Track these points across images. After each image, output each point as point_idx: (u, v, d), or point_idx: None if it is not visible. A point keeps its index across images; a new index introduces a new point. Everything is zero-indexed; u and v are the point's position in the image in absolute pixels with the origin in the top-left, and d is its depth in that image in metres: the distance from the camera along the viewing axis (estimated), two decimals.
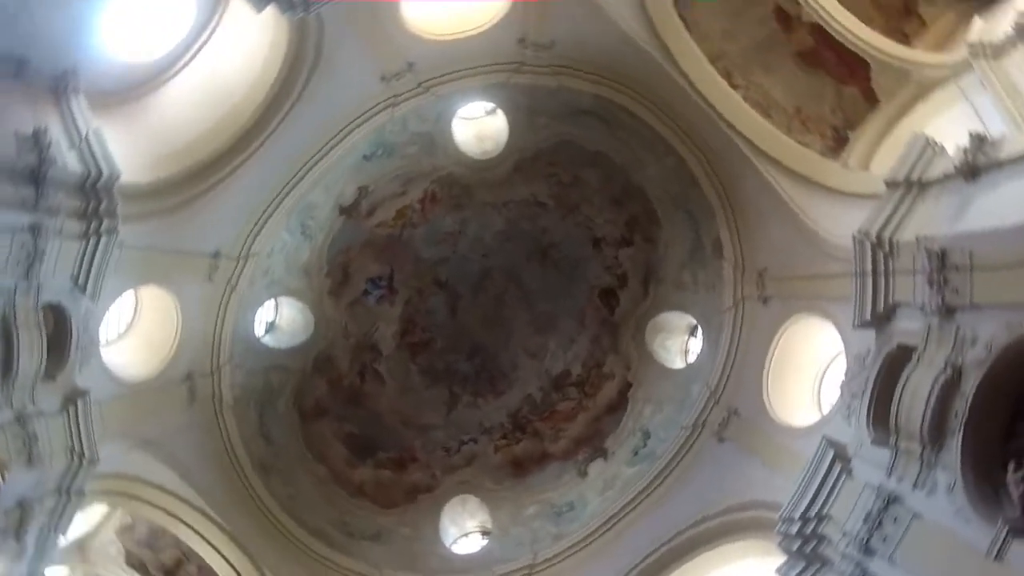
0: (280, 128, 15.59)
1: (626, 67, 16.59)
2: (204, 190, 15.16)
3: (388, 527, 19.11)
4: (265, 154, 15.72)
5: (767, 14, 16.83)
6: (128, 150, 13.27)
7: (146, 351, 16.05)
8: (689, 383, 18.36)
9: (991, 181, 10.64)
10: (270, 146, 15.69)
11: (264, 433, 18.35)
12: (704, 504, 16.56)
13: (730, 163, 16.70)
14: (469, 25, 16.30)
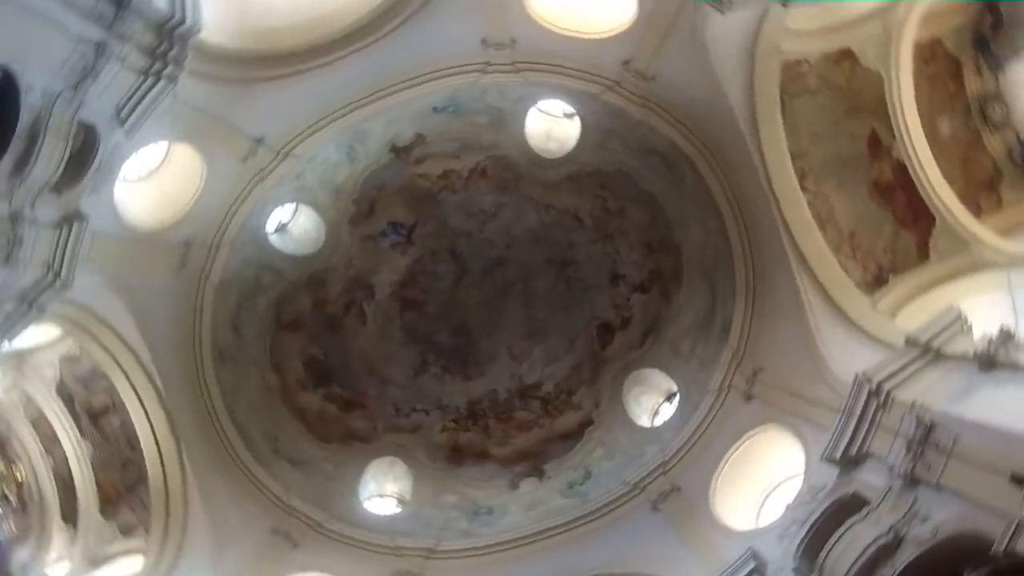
0: (371, 48, 15.54)
1: (712, 128, 16.63)
2: (274, 77, 15.16)
3: (313, 459, 19.11)
4: (346, 66, 15.67)
5: (861, 133, 16.85)
6: (219, 11, 13.29)
7: (158, 205, 16.06)
8: (646, 444, 18.41)
9: (1003, 378, 10.83)
10: (354, 61, 15.63)
11: (235, 324, 18.36)
12: (611, 560, 16.65)
13: (771, 257, 16.73)
14: (585, 28, 16.20)
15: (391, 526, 18.66)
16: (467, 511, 19.02)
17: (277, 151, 16.77)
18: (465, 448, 20.40)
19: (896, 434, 11.16)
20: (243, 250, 17.92)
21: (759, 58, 15.48)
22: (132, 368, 16.58)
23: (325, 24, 15.23)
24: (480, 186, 20.32)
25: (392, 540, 18.20)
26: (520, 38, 16.30)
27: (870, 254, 16.69)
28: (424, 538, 18.35)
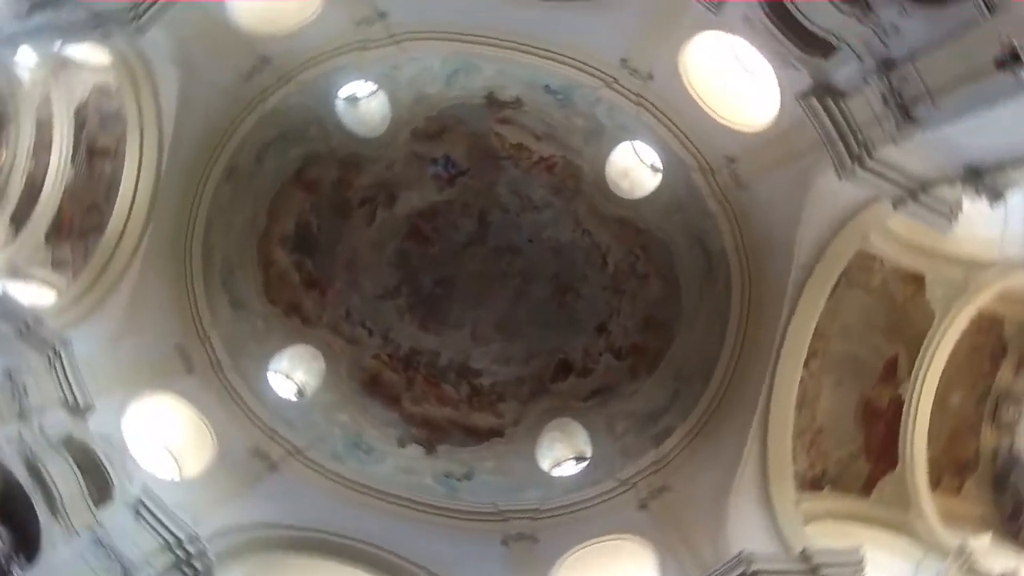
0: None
1: (765, 260, 16.63)
2: None
3: (252, 309, 19.11)
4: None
5: (886, 353, 16.78)
6: None
7: (259, 14, 16.02)
8: (534, 485, 18.59)
9: None
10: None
11: (260, 154, 18.29)
12: (436, 561, 17.09)
13: (741, 401, 16.79)
14: (716, 106, 16.02)
15: (276, 407, 18.66)
16: (349, 438, 19.08)
17: (390, 34, 16.68)
18: (383, 385, 20.45)
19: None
20: (308, 97, 17.85)
21: (845, 232, 15.34)
22: (150, 133, 16.57)
23: None
24: (541, 177, 20.28)
25: (270, 419, 18.22)
26: (657, 78, 16.21)
27: (823, 457, 16.71)
28: (298, 436, 18.37)
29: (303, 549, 16.55)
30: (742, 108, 15.82)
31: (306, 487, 17.68)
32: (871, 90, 11.01)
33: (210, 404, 17.62)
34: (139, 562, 12.74)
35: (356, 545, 16.86)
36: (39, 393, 13.13)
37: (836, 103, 11.86)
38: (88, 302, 16.46)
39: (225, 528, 15.14)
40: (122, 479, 13.70)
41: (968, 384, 16.98)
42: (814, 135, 12.56)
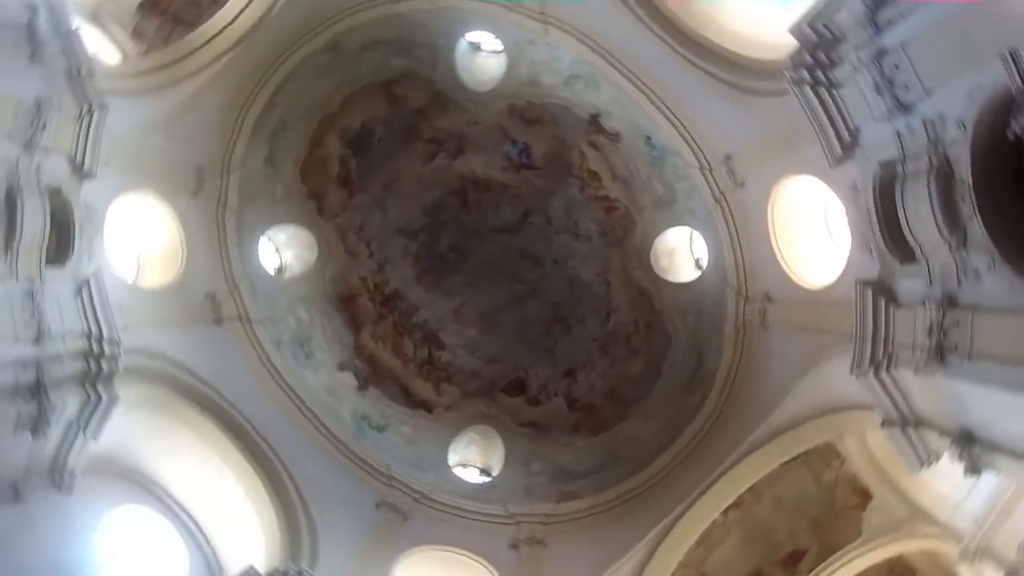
0: None
1: (742, 400, 16.77)
2: None
3: (281, 174, 19.01)
4: None
5: (799, 538, 16.94)
6: None
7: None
8: (432, 472, 18.77)
9: None
10: None
11: (366, 45, 18.15)
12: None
13: (650, 510, 16.98)
14: (795, 265, 15.84)
15: (251, 270, 18.44)
16: (298, 335, 19.07)
17: (542, 12, 16.59)
18: (355, 308, 20.56)
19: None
20: (437, 21, 17.86)
21: (826, 419, 15.10)
22: None
23: None
24: (597, 212, 20.44)
25: (240, 278, 17.97)
26: (747, 188, 16.08)
27: None
28: (255, 307, 18.05)
29: (198, 405, 16.34)
30: (805, 259, 15.75)
31: (236, 355, 17.50)
32: (923, 314, 10.97)
33: (196, 232, 17.45)
34: (56, 334, 12.20)
35: (247, 427, 16.61)
36: (55, 135, 12.69)
37: (887, 307, 11.81)
38: (145, 83, 16.16)
39: (145, 349, 14.98)
40: (82, 252, 13.24)
41: None
42: (851, 323, 12.52)
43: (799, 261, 15.73)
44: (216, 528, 15.26)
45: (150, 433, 14.91)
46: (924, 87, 10.03)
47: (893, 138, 10.74)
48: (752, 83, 14.17)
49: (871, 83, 10.65)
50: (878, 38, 10.39)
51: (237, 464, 15.86)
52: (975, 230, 9.53)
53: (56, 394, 11.71)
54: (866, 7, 10.40)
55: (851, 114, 11.58)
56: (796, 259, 15.77)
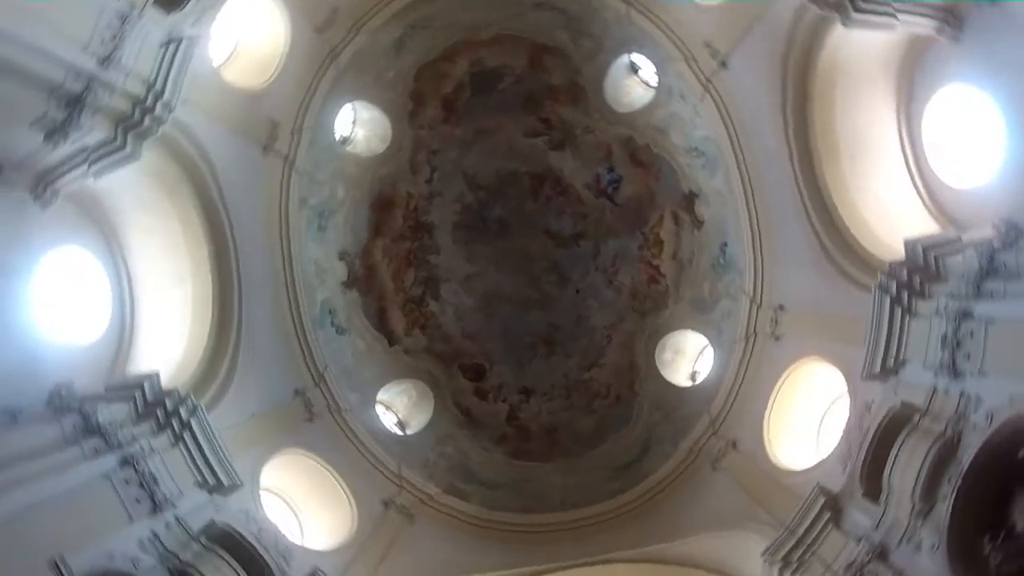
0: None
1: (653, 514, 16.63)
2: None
3: (381, 81, 18.98)
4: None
5: None
6: None
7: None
8: (355, 393, 18.57)
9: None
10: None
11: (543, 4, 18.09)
12: None
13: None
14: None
15: None
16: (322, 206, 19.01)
17: (708, 78, 16.40)
18: (386, 215, 20.46)
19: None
20: (618, 28, 17.78)
21: None
22: None
23: None
24: (641, 274, 20.56)
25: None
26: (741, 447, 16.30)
27: None
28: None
29: (200, 205, 15.48)
30: (785, 435, 15.71)
31: (262, 185, 16.98)
32: (852, 548, 11.31)
33: (299, 61, 16.84)
34: (122, 66, 11.24)
35: (231, 252, 15.89)
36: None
37: (827, 523, 12.19)
38: None
39: (188, 129, 14.04)
40: (192, 11, 12.00)
41: None
42: (790, 516, 12.83)
43: (779, 432, 15.70)
44: (146, 323, 15.11)
45: (142, 203, 14.68)
46: (982, 367, 10.04)
47: (928, 390, 10.80)
48: (843, 262, 14.07)
49: (941, 334, 10.60)
50: (972, 301, 10.33)
51: (202, 280, 15.55)
52: (940, 511, 9.84)
53: (88, 118, 11.31)
54: (980, 267, 10.30)
55: (908, 346, 11.55)
56: (778, 429, 15.74)
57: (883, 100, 13.61)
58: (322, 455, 16.39)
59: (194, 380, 14.31)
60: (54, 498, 9.81)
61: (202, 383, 14.40)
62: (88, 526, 10.13)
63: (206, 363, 14.89)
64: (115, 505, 10.57)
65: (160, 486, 11.16)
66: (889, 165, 13.81)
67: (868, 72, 13.49)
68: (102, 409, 11.10)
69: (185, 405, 12.20)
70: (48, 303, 12.73)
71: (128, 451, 11.04)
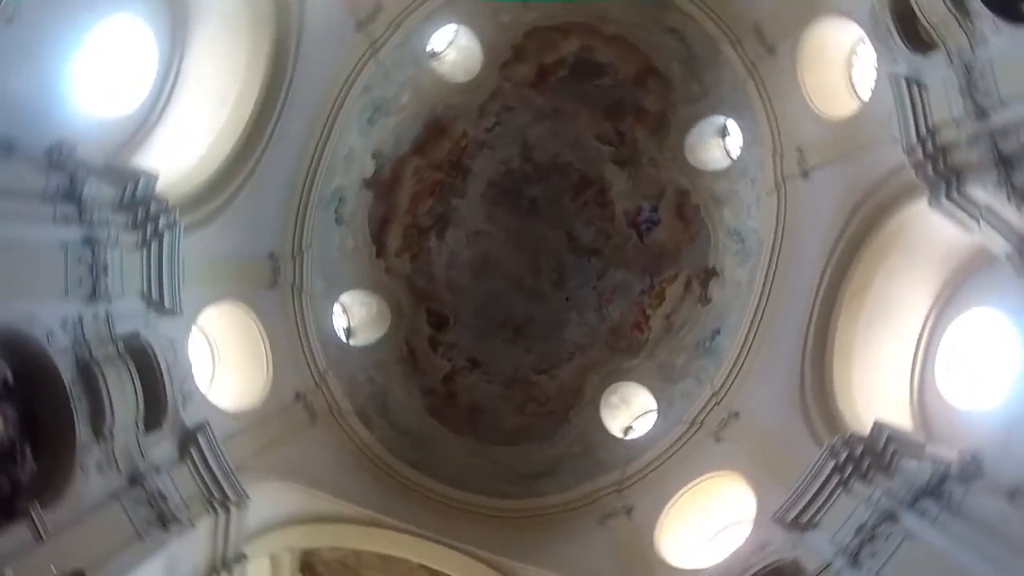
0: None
1: None
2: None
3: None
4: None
5: None
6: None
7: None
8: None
9: None
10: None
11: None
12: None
13: None
14: None
15: None
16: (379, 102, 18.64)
17: (782, 180, 16.42)
18: (435, 138, 20.27)
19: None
20: (729, 81, 17.61)
21: None
22: None
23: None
24: (630, 321, 20.51)
25: None
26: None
27: None
28: None
29: None
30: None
31: None
32: None
33: None
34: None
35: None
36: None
37: None
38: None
39: None
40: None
41: None
42: None
43: (675, 523, 16.00)
44: (172, 124, 14.59)
45: (224, 14, 14.42)
46: (880, 572, 10.34)
47: (822, 563, 11.26)
48: (812, 406, 14.38)
49: (861, 522, 10.86)
50: (904, 509, 10.56)
51: (240, 111, 15.10)
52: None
53: None
54: (927, 483, 10.56)
55: (826, 514, 11.75)
56: (675, 519, 16.07)
57: (924, 290, 13.74)
58: (265, 323, 16.26)
59: (188, 197, 14.10)
60: (6, 240, 9.66)
61: (194, 203, 14.20)
62: (24, 281, 9.97)
63: (207, 187, 14.75)
64: (58, 276, 10.39)
65: (107, 277, 10.93)
66: (899, 349, 13.95)
67: (925, 258, 13.58)
68: (92, 183, 10.94)
69: (167, 215, 11.99)
70: (92, 60, 12.57)
71: (95, 233, 10.85)
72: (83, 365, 10.23)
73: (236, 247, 15.56)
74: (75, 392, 9.98)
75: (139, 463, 10.83)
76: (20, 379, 9.53)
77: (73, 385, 9.99)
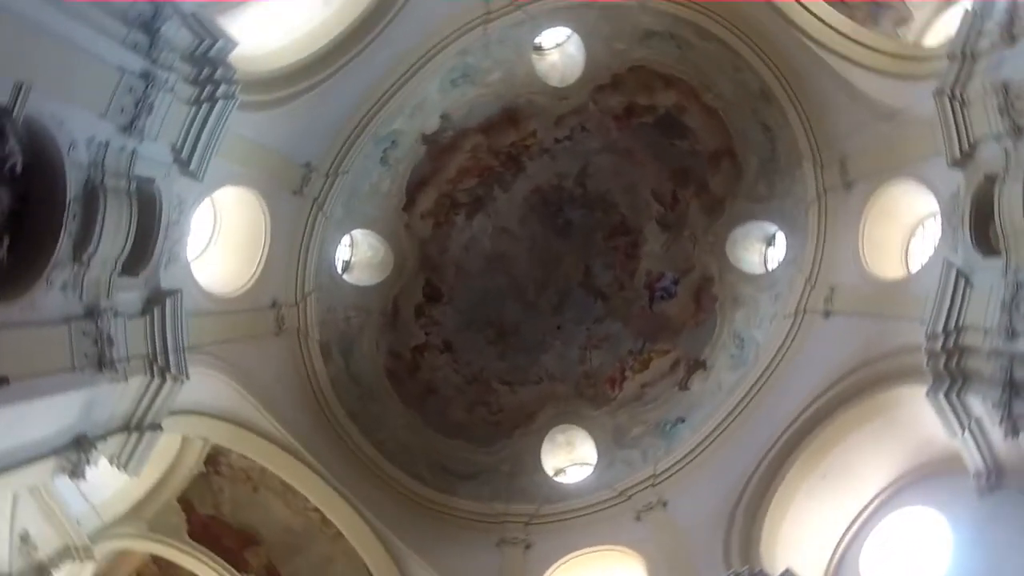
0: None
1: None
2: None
3: None
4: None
5: None
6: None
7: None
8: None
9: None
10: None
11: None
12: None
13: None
14: None
15: None
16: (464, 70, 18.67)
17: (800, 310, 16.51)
18: (479, 163, 20.57)
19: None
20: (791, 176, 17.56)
21: None
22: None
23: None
24: (606, 374, 20.61)
25: None
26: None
27: None
28: None
29: None
30: None
31: None
32: None
33: None
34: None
35: None
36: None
37: None
38: None
39: None
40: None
41: None
42: None
43: None
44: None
45: None
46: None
47: (1002, 154, 11.44)
48: (732, 537, 14.65)
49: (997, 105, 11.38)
50: None
51: (346, 13, 15.32)
52: None
53: None
54: None
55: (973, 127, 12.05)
56: None
57: (883, 472, 13.98)
58: (274, 224, 16.21)
59: (255, 77, 13.93)
60: (73, 41, 9.52)
61: (258, 85, 14.04)
62: (70, 85, 9.68)
63: (278, 76, 14.60)
64: (104, 95, 10.21)
65: (148, 116, 10.76)
66: (837, 517, 14.07)
67: (898, 442, 13.77)
68: (172, 24, 10.83)
69: (229, 85, 11.93)
70: None
71: (155, 71, 10.73)
72: (91, 187, 10.04)
73: (279, 143, 15.51)
74: (73, 208, 9.75)
75: (102, 300, 10.54)
76: (27, 173, 9.42)
77: (74, 201, 9.76)
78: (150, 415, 11.88)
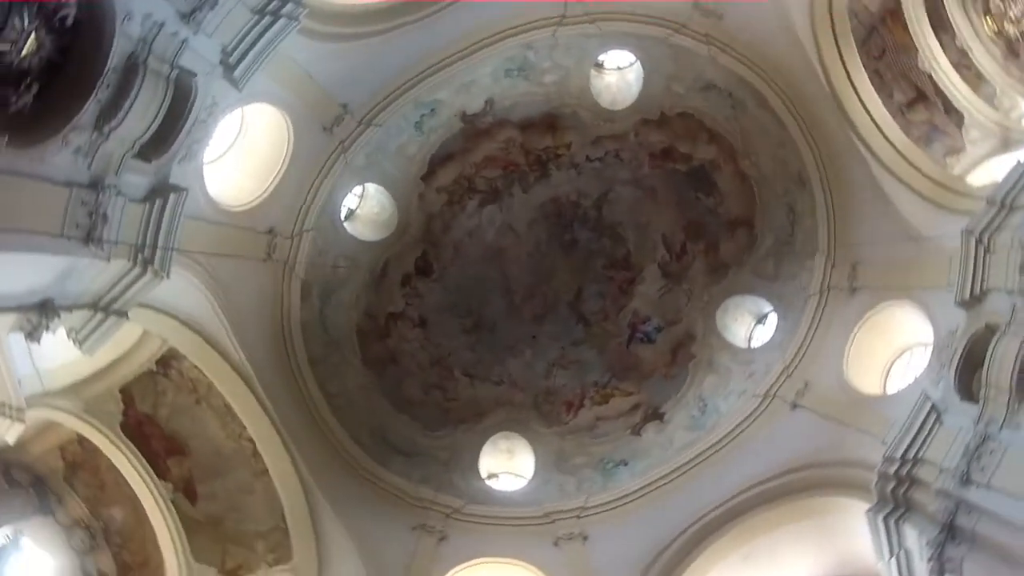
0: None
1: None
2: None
3: None
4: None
5: None
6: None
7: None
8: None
9: None
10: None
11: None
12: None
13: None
14: None
15: None
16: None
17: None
18: (505, 159, 20.59)
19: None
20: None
21: None
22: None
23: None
24: (564, 400, 20.54)
25: None
26: None
27: None
28: None
29: None
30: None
31: None
32: None
33: None
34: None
35: None
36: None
37: None
38: None
39: None
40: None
41: None
42: None
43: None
44: None
45: None
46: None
47: (1009, 309, 11.72)
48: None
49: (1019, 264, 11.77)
50: None
51: None
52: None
53: None
54: None
55: (990, 276, 12.39)
56: None
57: (810, 569, 14.06)
58: (295, 154, 16.15)
59: (322, 7, 14.00)
60: None
61: (324, 16, 14.07)
62: None
63: (345, 13, 14.66)
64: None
65: (210, 12, 10.60)
66: None
67: (824, 549, 14.47)
68: None
69: (295, 7, 11.84)
70: None
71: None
72: (133, 62, 9.86)
73: (325, 77, 15.43)
74: (109, 77, 9.59)
75: (109, 176, 10.43)
76: (75, 28, 9.23)
77: (112, 71, 9.59)
78: (120, 301, 11.80)
